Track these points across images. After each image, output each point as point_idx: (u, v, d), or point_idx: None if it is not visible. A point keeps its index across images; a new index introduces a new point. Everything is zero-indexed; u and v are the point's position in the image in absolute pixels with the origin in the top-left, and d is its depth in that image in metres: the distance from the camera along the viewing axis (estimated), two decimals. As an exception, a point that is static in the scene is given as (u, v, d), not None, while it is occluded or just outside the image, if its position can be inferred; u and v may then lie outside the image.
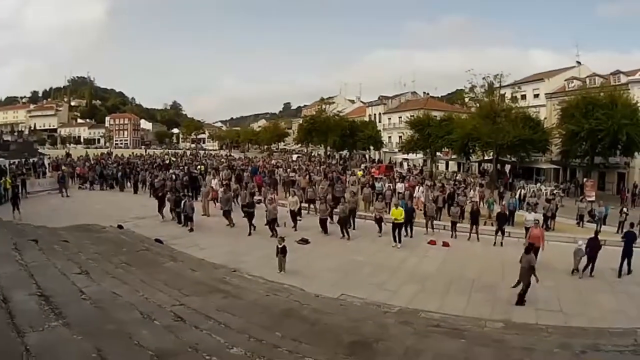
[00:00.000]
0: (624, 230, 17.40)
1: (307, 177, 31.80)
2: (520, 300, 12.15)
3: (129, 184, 34.13)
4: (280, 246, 14.24)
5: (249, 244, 17.95)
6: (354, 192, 24.08)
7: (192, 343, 6.77)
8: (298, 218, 21.40)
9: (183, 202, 20.69)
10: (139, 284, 10.82)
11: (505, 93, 38.19)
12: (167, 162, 50.83)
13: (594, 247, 14.74)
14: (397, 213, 18.64)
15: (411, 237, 20.02)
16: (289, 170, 39.31)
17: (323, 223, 20.23)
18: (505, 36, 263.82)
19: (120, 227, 19.21)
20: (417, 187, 26.82)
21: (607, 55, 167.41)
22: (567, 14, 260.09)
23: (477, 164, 52.28)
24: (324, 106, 62.30)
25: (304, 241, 18.30)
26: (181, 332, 7.38)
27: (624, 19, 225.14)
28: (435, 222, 21.79)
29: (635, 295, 13.30)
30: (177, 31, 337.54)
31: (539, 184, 39.53)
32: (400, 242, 18.38)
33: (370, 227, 20.91)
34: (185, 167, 41.12)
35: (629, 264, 14.95)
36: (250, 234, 19.24)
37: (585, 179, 35.76)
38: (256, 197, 25.06)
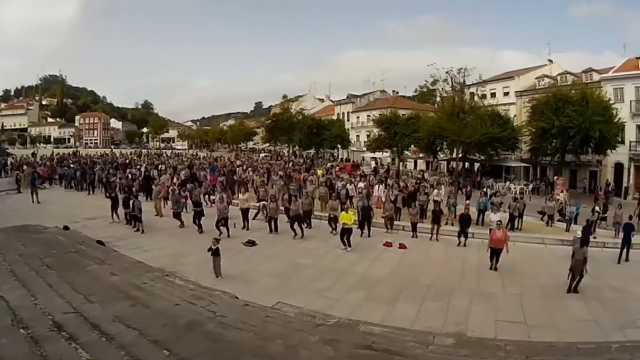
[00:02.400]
0: (593, 228, 19.29)
1: (265, 175, 31.09)
2: (575, 289, 12.51)
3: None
4: (213, 248, 13.10)
5: (194, 245, 16.54)
6: (308, 193, 22.38)
7: (49, 358, 6.54)
8: (254, 218, 20.82)
9: (132, 202, 19.77)
10: (44, 288, 10.49)
11: (471, 89, 37.07)
12: (128, 161, 48.58)
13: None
14: (347, 217, 16.94)
15: (369, 236, 18.76)
16: (249, 169, 37.91)
17: (271, 222, 19.09)
18: (476, 36, 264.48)
19: (66, 228, 18.33)
20: (377, 186, 25.56)
21: (579, 56, 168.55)
22: (539, 14, 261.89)
23: (445, 162, 51.21)
24: (287, 104, 60.45)
25: (251, 243, 17.15)
26: (46, 344, 7.07)
27: (596, 19, 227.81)
28: (395, 222, 20.34)
29: (609, 302, 11.95)
30: (150, 30, 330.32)
31: (508, 183, 39.16)
32: (350, 246, 16.80)
33: (325, 227, 19.72)
34: (144, 167, 39.57)
35: (627, 251, 16.22)
36: (202, 232, 18.34)
37: (555, 177, 35.17)
38: (212, 197, 24.40)
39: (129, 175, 30.49)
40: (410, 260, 15.85)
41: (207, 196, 24.07)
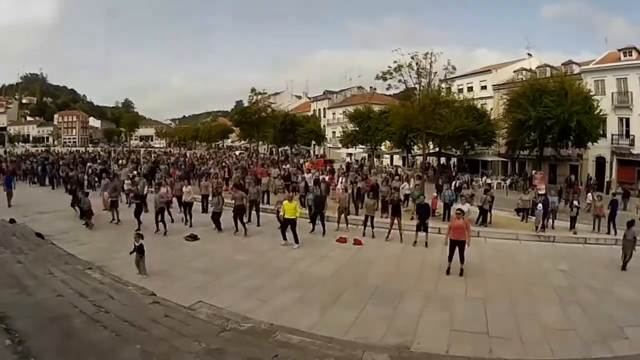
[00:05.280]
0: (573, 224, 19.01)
1: (226, 169, 30.53)
2: (624, 267, 13.19)
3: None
4: (137, 244, 12.00)
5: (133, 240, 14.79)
6: (259, 185, 21.13)
7: None
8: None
9: (80, 195, 18.99)
10: None
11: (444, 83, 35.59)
12: (92, 156, 48.92)
13: (545, 204, 18.32)
14: (290, 208, 15.16)
15: (323, 234, 16.85)
16: (213, 164, 38.09)
17: (214, 217, 17.46)
18: (450, 35, 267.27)
19: (12, 221, 17.71)
20: (340, 178, 24.38)
21: (556, 55, 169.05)
22: (513, 14, 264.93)
23: (422, 158, 49.64)
24: (255, 97, 57.87)
25: (192, 237, 16.12)
26: None
27: (572, 20, 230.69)
28: (354, 217, 18.70)
29: (589, 306, 10.12)
30: (132, 29, 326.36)
31: (485, 178, 37.91)
32: (297, 242, 15.02)
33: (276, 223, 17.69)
34: (104, 162, 40.35)
35: (614, 226, 17.64)
36: (139, 228, 16.58)
37: (534, 171, 33.83)
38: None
39: (89, 170, 30.39)
40: (363, 257, 14.03)
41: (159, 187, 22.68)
